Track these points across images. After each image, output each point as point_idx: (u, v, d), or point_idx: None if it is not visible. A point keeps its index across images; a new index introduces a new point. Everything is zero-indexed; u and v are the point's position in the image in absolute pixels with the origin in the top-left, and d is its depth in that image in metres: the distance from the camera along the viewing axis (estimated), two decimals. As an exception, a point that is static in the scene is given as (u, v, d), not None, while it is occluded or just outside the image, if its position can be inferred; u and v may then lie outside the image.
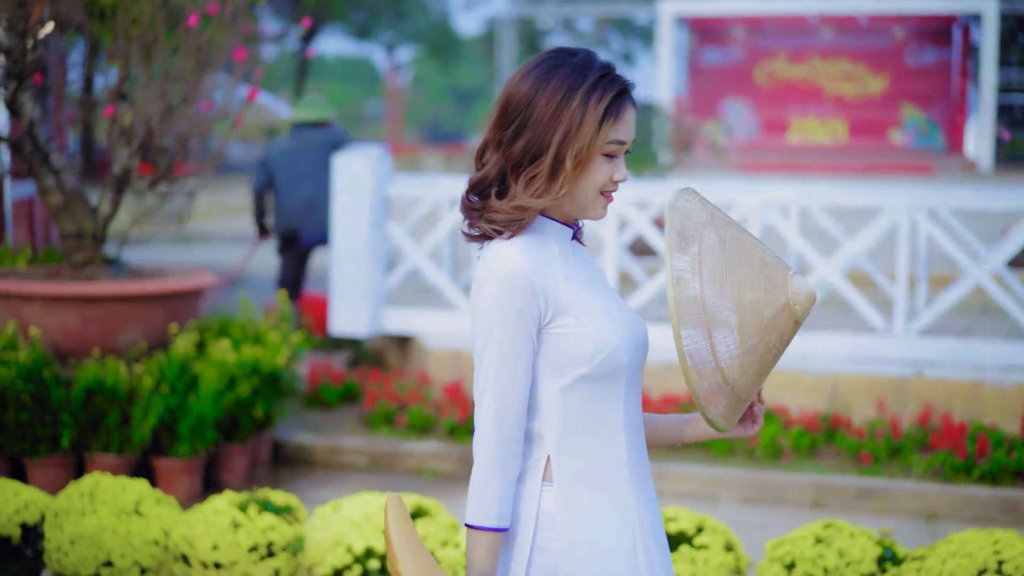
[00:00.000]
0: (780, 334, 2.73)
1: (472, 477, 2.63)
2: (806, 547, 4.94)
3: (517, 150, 2.64)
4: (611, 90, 2.64)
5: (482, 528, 2.60)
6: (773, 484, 7.48)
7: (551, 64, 2.67)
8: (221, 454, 7.62)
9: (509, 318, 2.58)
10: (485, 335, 2.61)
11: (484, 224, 2.66)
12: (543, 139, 2.62)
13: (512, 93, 2.67)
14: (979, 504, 7.14)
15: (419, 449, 8.04)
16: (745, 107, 32.53)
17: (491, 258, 2.62)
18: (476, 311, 2.63)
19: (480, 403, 2.63)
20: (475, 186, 2.70)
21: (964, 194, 8.73)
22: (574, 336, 2.62)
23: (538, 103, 2.63)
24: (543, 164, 2.62)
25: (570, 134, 2.61)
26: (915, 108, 31.62)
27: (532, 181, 2.63)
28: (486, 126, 2.73)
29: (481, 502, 2.60)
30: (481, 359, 2.62)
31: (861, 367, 8.25)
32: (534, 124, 2.62)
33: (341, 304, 9.24)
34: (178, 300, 7.75)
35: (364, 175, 9.13)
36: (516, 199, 2.63)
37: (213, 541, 5.14)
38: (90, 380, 7.15)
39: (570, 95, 2.62)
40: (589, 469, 2.67)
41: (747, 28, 32.18)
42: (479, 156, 2.73)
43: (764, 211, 8.60)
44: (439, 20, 41.29)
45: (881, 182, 21.88)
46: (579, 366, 2.63)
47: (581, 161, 2.62)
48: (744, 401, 2.77)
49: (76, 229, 7.81)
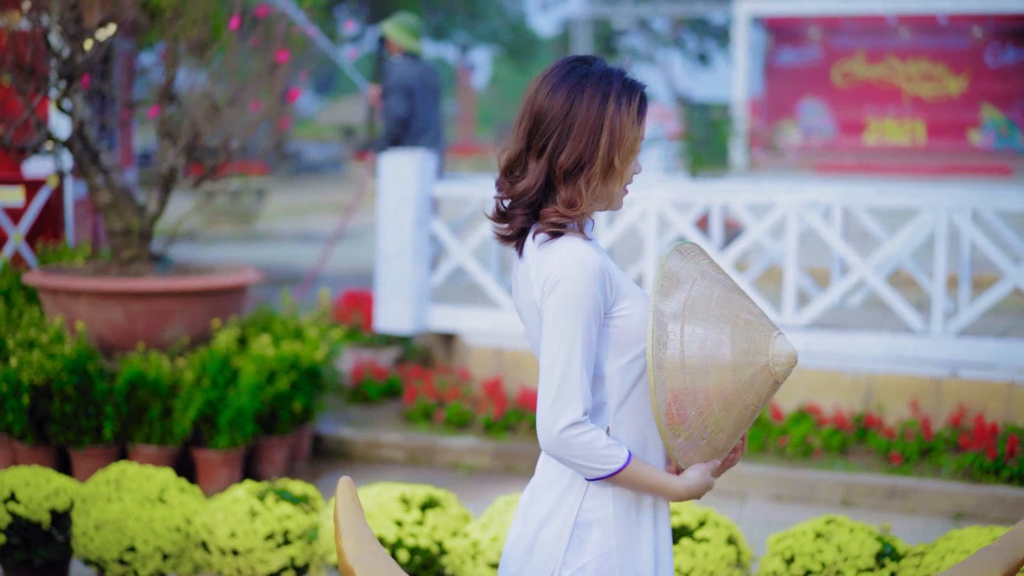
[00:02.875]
0: (758, 393, 2.90)
1: (565, 457, 2.82)
2: (806, 542, 5.01)
3: (565, 159, 2.86)
4: (636, 92, 2.91)
5: (620, 468, 2.82)
6: (802, 482, 7.53)
7: (577, 75, 2.89)
8: (261, 447, 7.81)
9: (592, 308, 2.79)
10: (566, 326, 2.79)
11: (543, 228, 2.87)
12: (591, 145, 2.85)
13: (544, 107, 2.88)
14: (1007, 504, 7.15)
15: (455, 444, 8.18)
16: (822, 108, 32.32)
17: (561, 256, 2.82)
18: (553, 305, 2.80)
19: (560, 387, 2.79)
20: (520, 196, 2.90)
21: (1008, 195, 8.71)
22: (633, 317, 2.88)
23: (578, 112, 2.85)
24: (595, 168, 2.86)
25: (616, 137, 2.86)
26: (995, 109, 31.27)
27: (589, 184, 2.87)
28: (514, 138, 2.92)
29: (601, 456, 2.80)
30: (559, 348, 2.80)
31: (897, 367, 8.26)
32: (578, 133, 2.85)
33: (386, 301, 9.40)
34: (221, 296, 7.94)
35: (409, 174, 9.28)
36: (580, 203, 2.87)
37: (231, 528, 5.30)
38: (133, 373, 7.35)
39: (605, 102, 2.86)
40: (636, 440, 2.93)
41: (824, 28, 31.96)
42: (511, 169, 2.94)
43: (805, 212, 8.64)
44: (515, 21, 41.51)
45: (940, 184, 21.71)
46: (637, 344, 2.89)
47: (626, 160, 2.90)
48: (721, 452, 2.97)
49: (124, 227, 8.02)
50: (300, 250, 18.63)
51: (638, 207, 9.00)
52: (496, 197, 2.97)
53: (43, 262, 9.01)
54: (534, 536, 2.96)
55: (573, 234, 2.88)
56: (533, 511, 2.99)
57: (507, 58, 44.47)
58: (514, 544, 3.02)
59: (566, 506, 2.93)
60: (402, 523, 5.22)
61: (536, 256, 2.89)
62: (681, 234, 9.21)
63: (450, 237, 9.47)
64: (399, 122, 10.17)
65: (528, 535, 2.98)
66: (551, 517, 2.94)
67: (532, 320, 2.97)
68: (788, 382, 8.39)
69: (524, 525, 3.01)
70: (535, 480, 3.04)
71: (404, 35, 10.56)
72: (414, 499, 5.32)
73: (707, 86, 38.96)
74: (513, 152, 2.92)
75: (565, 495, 2.94)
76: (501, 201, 2.96)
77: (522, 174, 2.91)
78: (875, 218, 9.54)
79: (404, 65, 10.38)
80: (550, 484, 2.97)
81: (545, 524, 2.95)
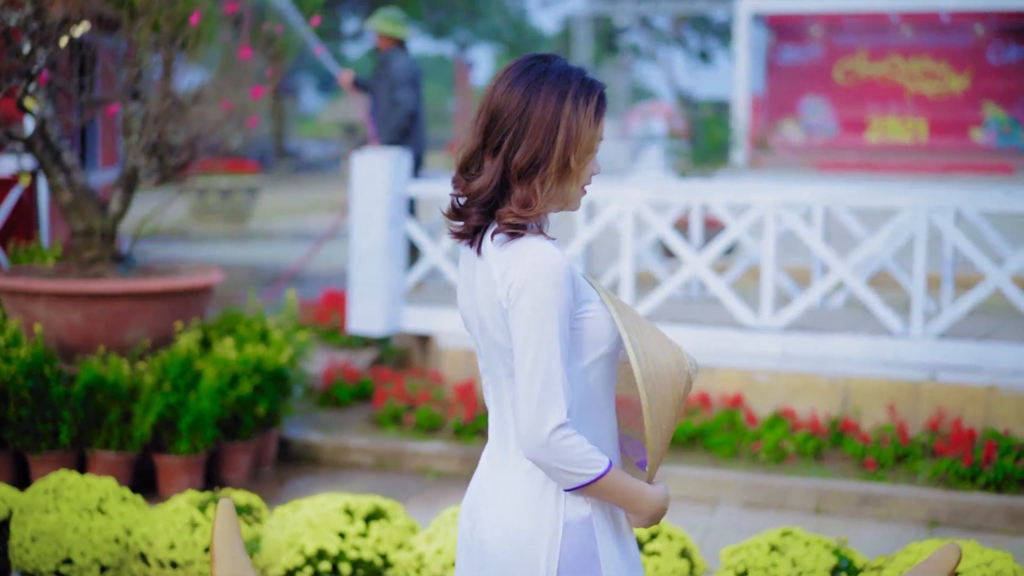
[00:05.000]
0: (682, 399, 2.94)
1: (545, 464, 2.73)
2: (760, 555, 4.84)
3: (520, 158, 2.79)
4: (594, 92, 2.84)
5: (603, 473, 2.73)
6: (775, 488, 7.36)
7: (536, 72, 2.83)
8: (224, 452, 7.65)
9: (563, 310, 2.74)
10: (539, 330, 2.72)
11: (501, 229, 2.80)
12: (546, 144, 2.79)
13: (501, 104, 2.82)
14: (983, 512, 6.98)
15: (424, 449, 8.02)
16: (824, 106, 32.11)
17: (529, 257, 2.75)
18: (524, 309, 2.73)
19: (541, 392, 2.71)
20: (476, 194, 2.83)
21: (992, 195, 8.54)
22: (597, 319, 2.83)
23: (534, 111, 2.79)
24: (550, 168, 2.80)
25: (571, 137, 2.80)
26: (997, 107, 31.03)
27: (543, 184, 2.81)
28: (472, 135, 2.86)
29: (585, 461, 2.72)
30: (535, 352, 2.72)
31: (876, 370, 8.10)
32: (533, 131, 2.79)
33: (358, 302, 9.25)
34: (184, 297, 7.79)
35: (383, 173, 9.13)
36: (535, 204, 2.80)
37: (171, 540, 5.15)
38: (90, 377, 7.20)
39: (562, 100, 2.80)
40: (598, 441, 2.85)
41: (826, 25, 31.75)
42: (467, 166, 2.87)
43: (783, 212, 8.47)
44: (516, 18, 41.32)
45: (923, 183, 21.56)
46: (601, 346, 2.83)
47: (581, 161, 2.83)
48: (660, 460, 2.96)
49: (85, 227, 7.87)
50: (293, 249, 18.46)
51: (615, 206, 8.83)
52: (452, 195, 2.90)
53: (14, 262, 8.86)
54: (514, 542, 2.84)
55: (534, 234, 2.81)
56: (505, 520, 2.86)
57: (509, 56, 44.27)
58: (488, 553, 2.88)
59: (548, 509, 2.83)
60: (345, 535, 5.07)
61: (498, 256, 2.81)
62: (660, 235, 9.06)
63: (425, 237, 9.31)
64: (409, 115, 10.17)
65: (505, 542, 2.85)
66: (533, 521, 2.83)
67: (492, 320, 2.84)
68: (764, 386, 8.22)
69: (493, 532, 2.87)
70: (495, 490, 2.91)
71: (394, 26, 10.47)
72: (358, 510, 5.17)
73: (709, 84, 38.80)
74: (469, 149, 2.86)
75: (541, 499, 2.84)
76: (457, 199, 2.89)
77: (478, 172, 2.84)
78: (860, 218, 9.38)
79: (404, 58, 10.37)
80: (518, 489, 2.86)
81: (526, 529, 2.83)
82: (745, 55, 29.87)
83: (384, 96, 10.48)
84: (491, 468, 2.95)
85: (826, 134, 31.48)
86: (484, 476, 2.97)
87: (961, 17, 30.27)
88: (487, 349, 2.90)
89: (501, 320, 2.82)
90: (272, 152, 36.46)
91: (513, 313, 2.76)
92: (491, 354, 2.89)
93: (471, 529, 2.96)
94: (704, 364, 8.36)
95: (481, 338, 2.91)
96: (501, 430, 2.93)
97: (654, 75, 35.56)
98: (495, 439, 2.96)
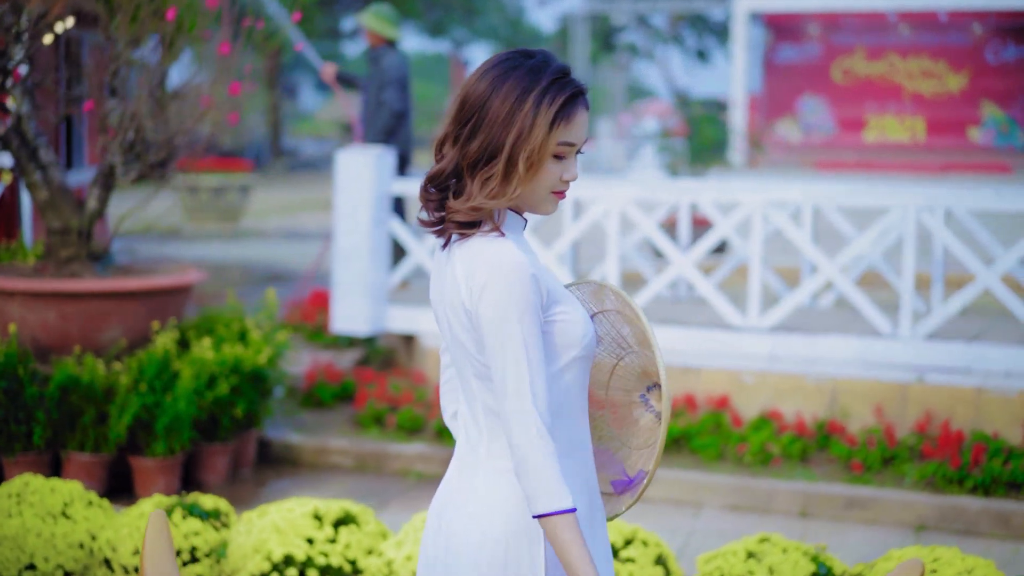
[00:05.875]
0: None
1: (529, 468, 2.61)
2: (736, 563, 4.73)
3: (472, 149, 2.71)
4: (563, 94, 2.72)
5: (565, 511, 2.59)
6: (760, 492, 7.25)
7: (508, 65, 2.74)
8: (202, 454, 7.54)
9: (527, 310, 2.65)
10: (504, 332, 2.65)
11: (447, 223, 2.74)
12: (497, 140, 2.69)
13: (469, 91, 2.75)
14: (970, 516, 6.87)
15: (405, 451, 7.90)
16: (821, 105, 31.99)
17: (487, 257, 2.68)
18: (487, 312, 2.66)
19: (515, 395, 2.64)
20: (433, 178, 2.76)
21: (980, 195, 8.43)
22: (569, 322, 2.74)
23: (493, 103, 2.70)
24: (497, 166, 2.70)
25: (522, 136, 2.69)
26: (995, 106, 30.93)
27: (487, 182, 2.71)
28: (445, 119, 2.79)
29: (552, 488, 2.60)
30: (503, 356, 2.65)
31: (863, 372, 7.98)
32: (488, 124, 2.70)
33: (342, 301, 9.13)
34: (161, 297, 7.67)
35: (365, 172, 9.01)
36: (473, 199, 2.70)
37: (135, 545, 5.04)
38: (65, 377, 7.08)
39: (523, 97, 2.70)
40: (571, 445, 2.78)
41: (824, 24, 31.64)
42: (439, 148, 2.79)
43: (770, 211, 8.36)
44: (513, 16, 41.16)
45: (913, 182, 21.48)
46: (572, 348, 2.75)
47: (533, 163, 2.70)
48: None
49: (62, 225, 7.75)
50: (286, 248, 18.33)
51: (601, 205, 8.72)
52: (424, 177, 2.83)
53: (-5, 261, 8.75)
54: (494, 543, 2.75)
55: (487, 232, 2.73)
56: (482, 522, 2.76)
57: (507, 55, 44.08)
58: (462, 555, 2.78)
59: (527, 508, 2.72)
60: (313, 540, 4.96)
61: (459, 254, 2.74)
62: (646, 236, 8.94)
63: (409, 236, 9.20)
64: (395, 115, 10.10)
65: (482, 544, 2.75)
66: (511, 521, 2.74)
67: (456, 318, 2.76)
68: (751, 387, 8.10)
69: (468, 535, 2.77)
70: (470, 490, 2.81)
71: (384, 24, 10.37)
72: (328, 515, 5.05)
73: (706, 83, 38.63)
74: (441, 133, 2.80)
75: (520, 498, 2.74)
76: (425, 180, 2.81)
77: (441, 158, 2.78)
78: (852, 218, 9.26)
79: (394, 57, 10.29)
80: (494, 489, 2.77)
81: (505, 530, 2.74)
82: (743, 54, 29.76)
83: (373, 94, 10.39)
84: (461, 469, 2.85)
85: (824, 133, 31.37)
86: (453, 477, 2.87)
87: (959, 16, 30.16)
88: (453, 345, 2.82)
89: (465, 319, 2.74)
90: (268, 150, 36.34)
91: (479, 316, 2.69)
92: (457, 352, 2.81)
93: (436, 531, 2.86)
94: (691, 365, 8.25)
95: (448, 333, 2.83)
96: (470, 430, 2.84)
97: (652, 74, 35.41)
98: (464, 440, 2.86)
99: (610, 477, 3.01)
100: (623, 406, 3.03)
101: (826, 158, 28.73)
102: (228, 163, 21.41)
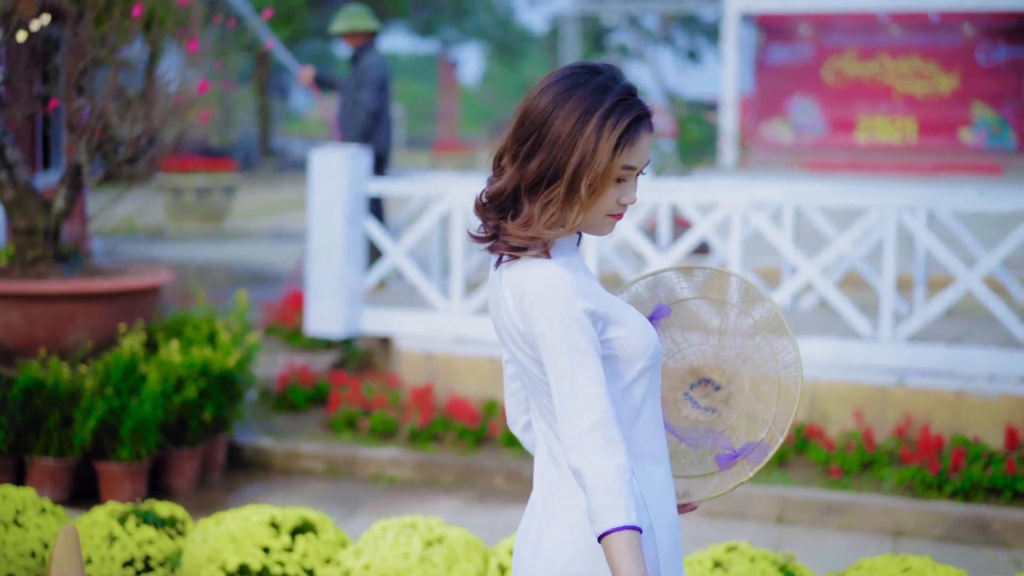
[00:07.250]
0: None
1: (599, 483, 2.53)
2: (702, 572, 4.61)
3: (532, 169, 2.63)
4: (627, 116, 2.63)
5: (629, 527, 2.50)
6: (736, 497, 7.12)
7: (572, 82, 2.65)
8: (169, 458, 7.41)
9: (580, 327, 2.59)
10: (561, 353, 2.59)
11: (499, 242, 2.68)
12: (558, 162, 2.61)
13: (531, 106, 2.66)
14: (948, 522, 6.74)
15: (377, 455, 7.77)
16: (813, 106, 31.91)
17: (532, 279, 2.63)
18: (539, 328, 2.61)
19: (579, 413, 2.57)
20: (494, 197, 2.70)
21: (962, 195, 8.30)
22: (628, 339, 2.69)
23: (555, 122, 2.62)
24: (558, 189, 2.62)
25: (584, 160, 2.60)
26: (986, 107, 30.86)
27: (547, 207, 2.64)
28: (506, 132, 2.72)
29: (618, 504, 2.51)
30: (562, 378, 2.59)
31: (843, 375, 7.86)
32: (549, 144, 2.62)
33: (316, 303, 9.00)
34: (129, 299, 7.54)
35: (340, 171, 8.88)
36: (532, 227, 2.64)
37: (88, 555, 4.91)
38: (29, 380, 6.96)
39: (586, 119, 2.61)
40: (650, 455, 2.75)
41: (815, 25, 31.57)
42: (497, 162, 2.73)
43: (750, 212, 8.24)
44: (503, 17, 40.98)
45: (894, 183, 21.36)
46: (638, 361, 2.70)
47: (595, 189, 2.62)
48: None
49: (28, 225, 7.61)
50: (271, 248, 18.20)
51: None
52: (483, 191, 2.74)
53: (-35, 262, 8.61)
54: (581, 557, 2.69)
55: (535, 256, 2.65)
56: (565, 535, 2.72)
57: (497, 55, 43.98)
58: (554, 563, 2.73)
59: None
60: (269, 549, 4.83)
61: (508, 275, 2.69)
62: (625, 237, 8.81)
63: (384, 236, 9.07)
64: (371, 115, 9.99)
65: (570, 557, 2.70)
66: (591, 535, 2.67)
67: (510, 338, 2.74)
68: (729, 390, 7.98)
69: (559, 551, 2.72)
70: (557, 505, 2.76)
71: (356, 20, 10.23)
72: (285, 523, 4.92)
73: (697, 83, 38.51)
74: (500, 146, 2.72)
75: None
76: (483, 194, 2.73)
77: (501, 173, 2.71)
78: (834, 219, 9.14)
79: (375, 57, 10.18)
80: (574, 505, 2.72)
81: (588, 545, 2.67)
82: (734, 55, 29.65)
83: (350, 95, 10.27)
84: (543, 484, 2.81)
85: (815, 134, 31.29)
86: (537, 495, 2.83)
87: (950, 17, 30.09)
88: (518, 367, 2.78)
89: (521, 341, 2.71)
90: (257, 150, 36.19)
91: (534, 337, 2.65)
92: (521, 372, 2.77)
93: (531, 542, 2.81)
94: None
95: (510, 351, 2.79)
96: (552, 445, 2.79)
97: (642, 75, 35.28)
98: (547, 455, 2.81)
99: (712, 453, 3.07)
100: (667, 404, 3.09)
101: (817, 159, 28.65)
102: (213, 163, 21.28)
